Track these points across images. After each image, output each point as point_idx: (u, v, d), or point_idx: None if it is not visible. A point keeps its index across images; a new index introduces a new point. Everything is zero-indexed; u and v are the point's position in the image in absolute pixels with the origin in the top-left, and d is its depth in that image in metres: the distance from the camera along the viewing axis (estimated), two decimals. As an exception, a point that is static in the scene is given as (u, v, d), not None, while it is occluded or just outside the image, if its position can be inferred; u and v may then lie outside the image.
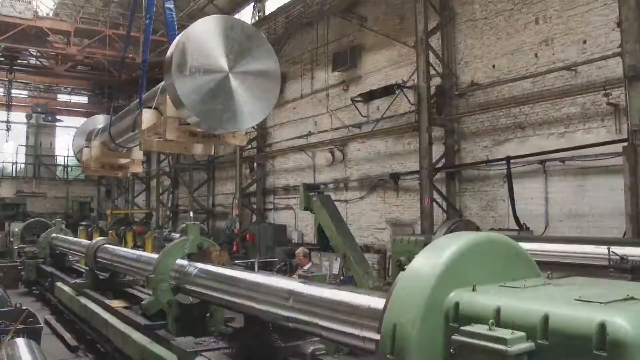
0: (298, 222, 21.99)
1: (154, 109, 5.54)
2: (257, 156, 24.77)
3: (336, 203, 14.38)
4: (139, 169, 9.19)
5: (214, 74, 4.72)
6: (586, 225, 12.17)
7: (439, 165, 15.50)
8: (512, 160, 13.27)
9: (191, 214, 9.48)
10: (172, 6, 5.87)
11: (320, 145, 20.75)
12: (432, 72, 15.52)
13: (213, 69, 4.72)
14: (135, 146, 7.96)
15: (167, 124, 5.08)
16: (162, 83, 5.39)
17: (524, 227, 12.51)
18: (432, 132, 15.19)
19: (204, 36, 4.76)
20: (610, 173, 11.67)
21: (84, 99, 40.04)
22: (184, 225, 7.09)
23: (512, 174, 13.20)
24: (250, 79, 4.93)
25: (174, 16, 5.84)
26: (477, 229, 11.30)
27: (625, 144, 10.54)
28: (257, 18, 24.21)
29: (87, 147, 9.13)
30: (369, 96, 18.36)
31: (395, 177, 17.14)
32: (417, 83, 15.58)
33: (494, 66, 14.64)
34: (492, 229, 13.03)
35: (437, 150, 15.58)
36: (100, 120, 9.73)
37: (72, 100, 39.53)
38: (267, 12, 24.42)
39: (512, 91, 14.04)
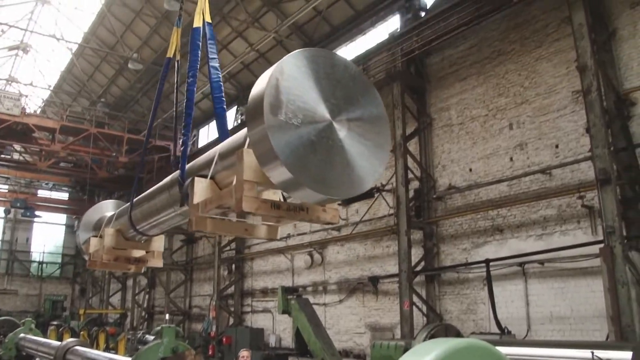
0: (276, 325, 21.51)
1: (210, 178, 4.40)
2: (236, 258, 24.55)
3: (315, 306, 14.14)
4: (159, 262, 7.25)
5: (314, 122, 3.57)
6: (568, 328, 12.06)
7: (419, 268, 15.45)
8: (491, 263, 13.29)
9: (167, 315, 8.98)
10: (217, 65, 5.32)
11: (299, 248, 20.66)
12: (411, 175, 15.85)
13: (313, 115, 3.58)
14: (161, 233, 6.65)
15: (243, 190, 3.74)
16: (216, 148, 4.45)
17: (506, 330, 12.33)
18: (411, 235, 15.27)
19: (301, 73, 3.61)
20: (589, 274, 11.73)
21: (64, 195, 39.97)
22: (159, 327, 6.90)
23: (491, 277, 13.18)
24: (357, 132, 3.75)
25: (220, 76, 5.33)
26: (458, 333, 11.10)
27: (602, 245, 10.67)
28: (239, 121, 24.71)
29: (95, 236, 7.71)
30: (347, 199, 18.53)
31: (375, 280, 16.97)
32: (396, 187, 15.83)
33: (470, 170, 14.98)
34: (473, 333, 12.82)
35: (416, 253, 15.58)
36: (108, 207, 8.44)
37: (52, 196, 39.40)
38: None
39: (489, 194, 14.30)
